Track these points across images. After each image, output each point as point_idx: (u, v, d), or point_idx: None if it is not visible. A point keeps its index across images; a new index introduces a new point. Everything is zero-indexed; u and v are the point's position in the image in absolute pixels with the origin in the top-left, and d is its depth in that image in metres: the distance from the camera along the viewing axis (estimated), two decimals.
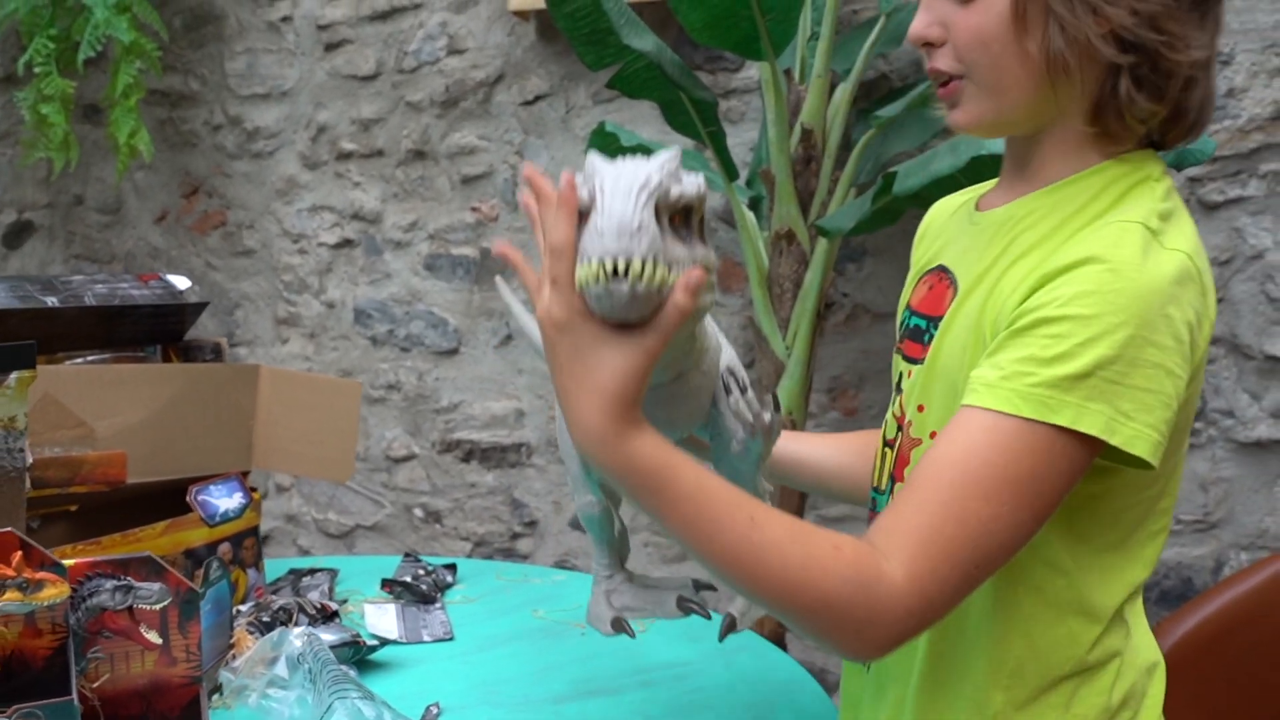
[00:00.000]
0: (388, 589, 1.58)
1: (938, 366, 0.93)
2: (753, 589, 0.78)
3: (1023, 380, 0.78)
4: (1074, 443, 0.78)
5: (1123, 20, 0.82)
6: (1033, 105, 0.86)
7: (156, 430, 1.48)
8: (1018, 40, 0.83)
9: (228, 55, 2.67)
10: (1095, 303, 0.77)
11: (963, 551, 0.78)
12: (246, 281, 2.74)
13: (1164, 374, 0.79)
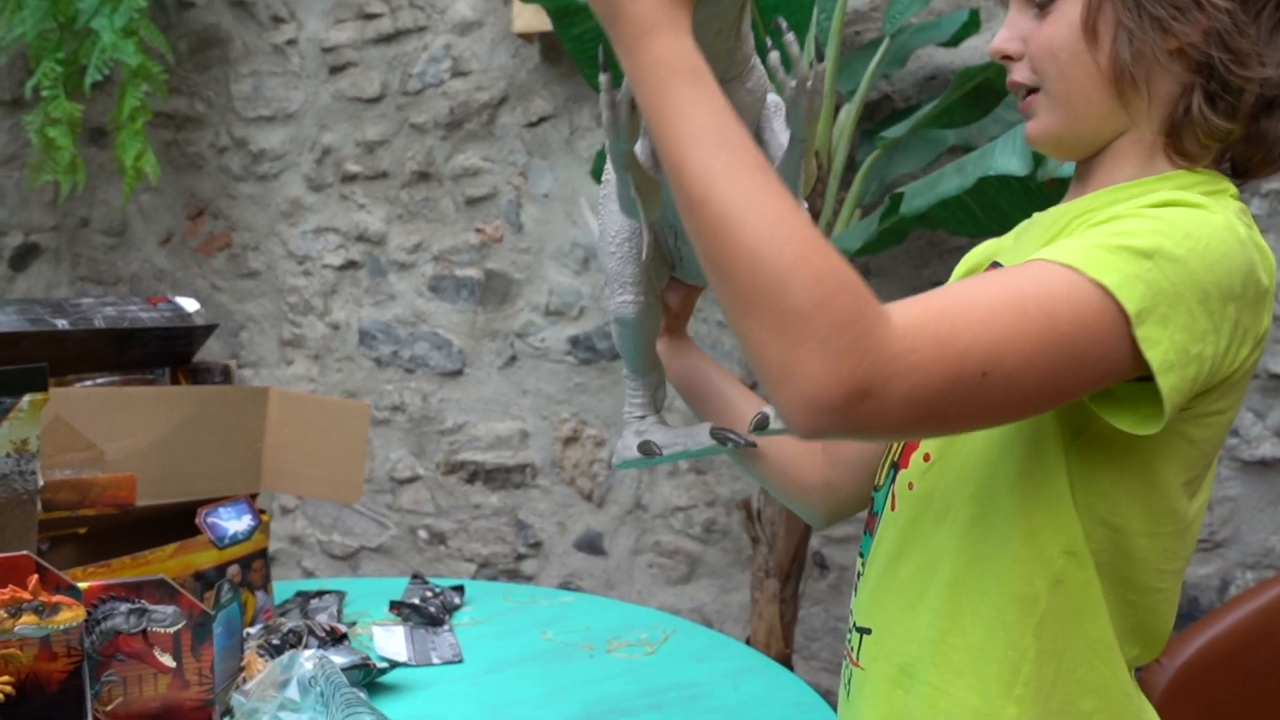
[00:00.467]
0: (396, 611, 1.58)
1: None
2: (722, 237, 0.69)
3: (1080, 246, 0.75)
4: (1118, 323, 0.72)
5: (1191, 38, 0.82)
6: (1102, 118, 0.86)
7: (166, 453, 1.49)
8: (1088, 51, 0.84)
9: (233, 78, 2.68)
10: (1168, 214, 0.76)
11: (977, 341, 0.70)
12: (251, 303, 2.74)
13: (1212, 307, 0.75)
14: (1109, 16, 0.83)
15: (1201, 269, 0.74)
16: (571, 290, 2.46)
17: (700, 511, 2.40)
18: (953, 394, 0.69)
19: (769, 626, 1.97)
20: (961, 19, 1.95)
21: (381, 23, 2.55)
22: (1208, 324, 0.75)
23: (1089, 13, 0.84)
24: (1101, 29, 0.84)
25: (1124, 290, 0.72)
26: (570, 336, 2.47)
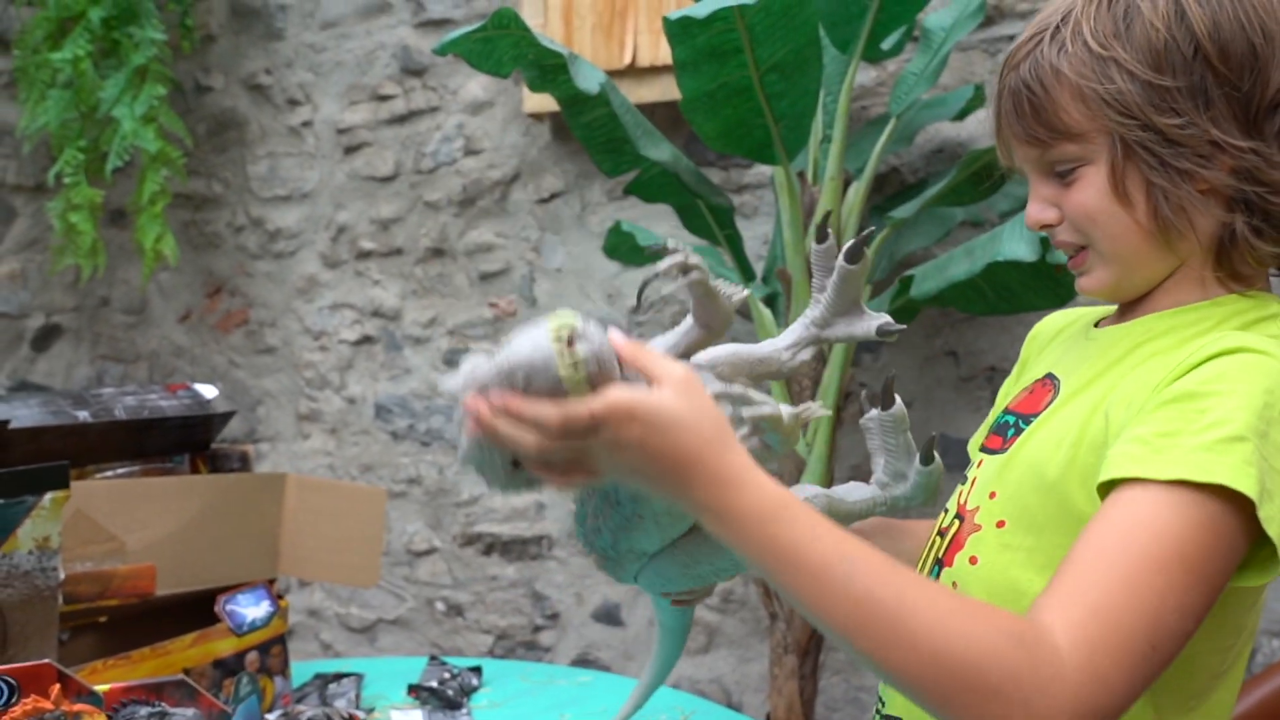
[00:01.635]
0: (414, 695, 1.58)
1: (1020, 456, 0.91)
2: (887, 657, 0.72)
3: (1175, 448, 0.75)
4: (1232, 512, 0.74)
5: (1222, 180, 0.84)
6: (1156, 264, 0.88)
7: (185, 542, 1.50)
8: (1125, 212, 0.86)
9: (250, 159, 2.73)
10: (1242, 378, 0.77)
11: (1138, 624, 0.72)
12: (269, 378, 2.77)
13: None
14: (1136, 177, 0.85)
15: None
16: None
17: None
18: (1135, 675, 0.72)
19: (789, 703, 1.96)
20: (967, 94, 1.98)
21: (395, 104, 2.60)
22: None
23: (1116, 178, 0.85)
24: (1132, 190, 0.85)
25: (1240, 480, 0.73)
26: None
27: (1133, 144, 0.84)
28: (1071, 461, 0.85)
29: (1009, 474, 0.91)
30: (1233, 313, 0.87)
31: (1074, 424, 0.87)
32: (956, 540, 0.94)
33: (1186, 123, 0.83)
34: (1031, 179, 0.92)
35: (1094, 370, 0.90)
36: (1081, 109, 0.85)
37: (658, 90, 2.22)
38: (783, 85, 1.59)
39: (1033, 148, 0.89)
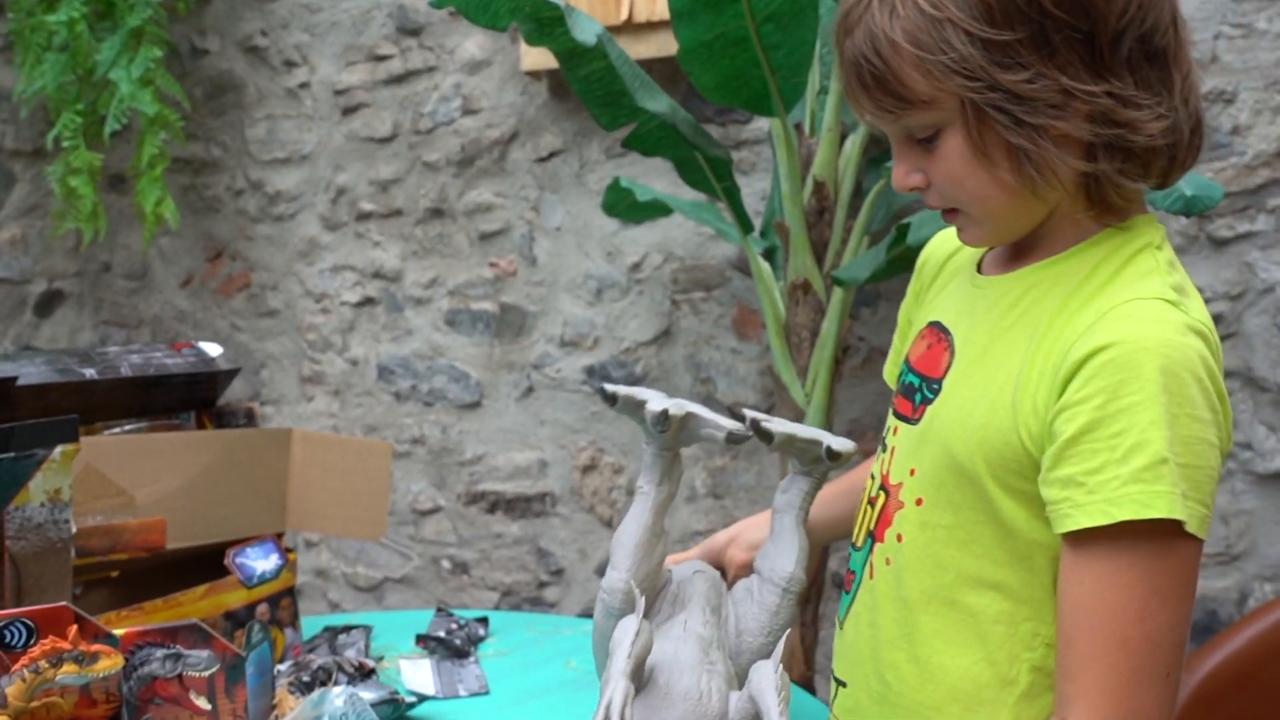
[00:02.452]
0: (422, 644, 1.60)
1: (931, 434, 0.93)
2: None
3: (1106, 485, 0.79)
4: (1181, 540, 0.79)
5: (1078, 130, 0.83)
6: (1028, 215, 0.89)
7: (194, 496, 1.52)
8: (989, 173, 0.85)
9: (248, 122, 2.73)
10: (1136, 388, 0.78)
11: (1145, 667, 0.79)
12: (271, 341, 2.79)
13: (1207, 447, 0.80)
14: (994, 138, 0.83)
15: (1185, 416, 0.79)
16: (585, 321, 2.49)
17: None
18: (1164, 698, 0.80)
19: (790, 650, 1.98)
20: None
21: (392, 64, 2.59)
22: (1206, 446, 0.80)
23: (974, 141, 0.84)
24: (993, 151, 0.84)
25: (1174, 510, 0.78)
26: (585, 366, 2.50)
27: (984, 106, 0.82)
28: (980, 446, 0.88)
29: (924, 451, 0.93)
30: (1110, 249, 0.87)
31: (979, 407, 0.89)
32: (884, 515, 0.97)
33: (1034, 75, 0.81)
34: (893, 143, 0.91)
35: (986, 333, 0.91)
36: (925, 77, 0.83)
37: (654, 46, 2.22)
38: (779, 36, 1.59)
39: (885, 117, 0.88)
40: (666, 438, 1.05)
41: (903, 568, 0.94)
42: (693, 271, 2.39)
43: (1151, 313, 0.81)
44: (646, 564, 1.03)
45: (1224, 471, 2.07)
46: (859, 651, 0.99)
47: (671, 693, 0.93)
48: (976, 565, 0.89)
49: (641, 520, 1.04)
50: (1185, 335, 0.80)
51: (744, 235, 1.90)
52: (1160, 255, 0.87)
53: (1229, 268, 2.06)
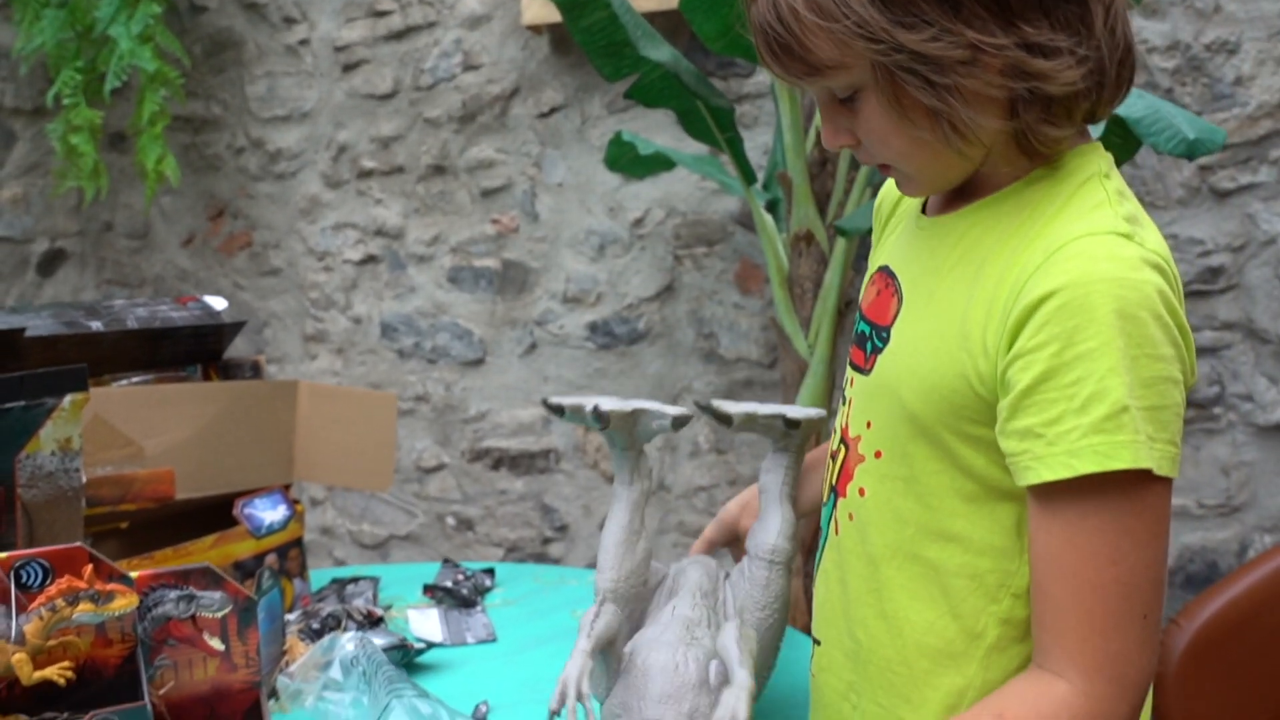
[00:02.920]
0: (429, 594, 1.62)
1: (883, 384, 0.91)
2: None
3: (1067, 439, 0.77)
4: (1148, 484, 0.78)
5: (990, 86, 0.79)
6: (958, 167, 0.86)
7: (202, 447, 1.53)
8: (911, 131, 0.83)
9: (248, 79, 2.72)
10: (1092, 333, 0.76)
11: (1124, 612, 0.78)
12: (274, 300, 2.79)
13: (1171, 385, 0.78)
14: (909, 99, 0.80)
15: (1144, 356, 0.76)
16: (588, 277, 2.50)
17: (722, 490, 2.44)
18: (1146, 641, 0.79)
19: (793, 599, 2.00)
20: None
21: (392, 20, 2.58)
22: (1170, 384, 0.78)
23: (891, 102, 0.81)
24: (910, 110, 0.81)
25: (1139, 459, 0.76)
26: (588, 322, 2.51)
27: (891, 68, 0.79)
28: (932, 393, 0.86)
29: (877, 402, 0.92)
30: (1054, 183, 0.84)
31: (927, 354, 0.86)
32: (845, 470, 0.95)
33: (939, 32, 0.77)
34: (819, 104, 0.88)
35: (930, 277, 0.89)
36: (830, 43, 0.80)
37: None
38: None
39: (799, 82, 0.86)
40: (619, 436, 1.10)
41: (866, 523, 0.93)
42: (695, 227, 2.39)
43: (1104, 249, 0.78)
44: (630, 560, 1.08)
45: (1224, 425, 2.08)
46: (831, 608, 0.99)
47: (650, 669, 0.96)
48: (935, 518, 0.88)
49: (619, 521, 1.09)
50: (1141, 271, 0.77)
51: (747, 187, 1.90)
52: (1109, 184, 0.83)
53: (1231, 219, 2.06)
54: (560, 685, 0.93)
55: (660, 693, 0.94)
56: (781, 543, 1.09)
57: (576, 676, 0.92)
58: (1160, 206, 2.09)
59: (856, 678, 0.95)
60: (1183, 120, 1.32)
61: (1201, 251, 2.08)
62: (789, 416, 1.11)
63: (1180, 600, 2.15)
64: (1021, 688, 0.80)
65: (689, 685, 0.95)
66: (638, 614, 1.09)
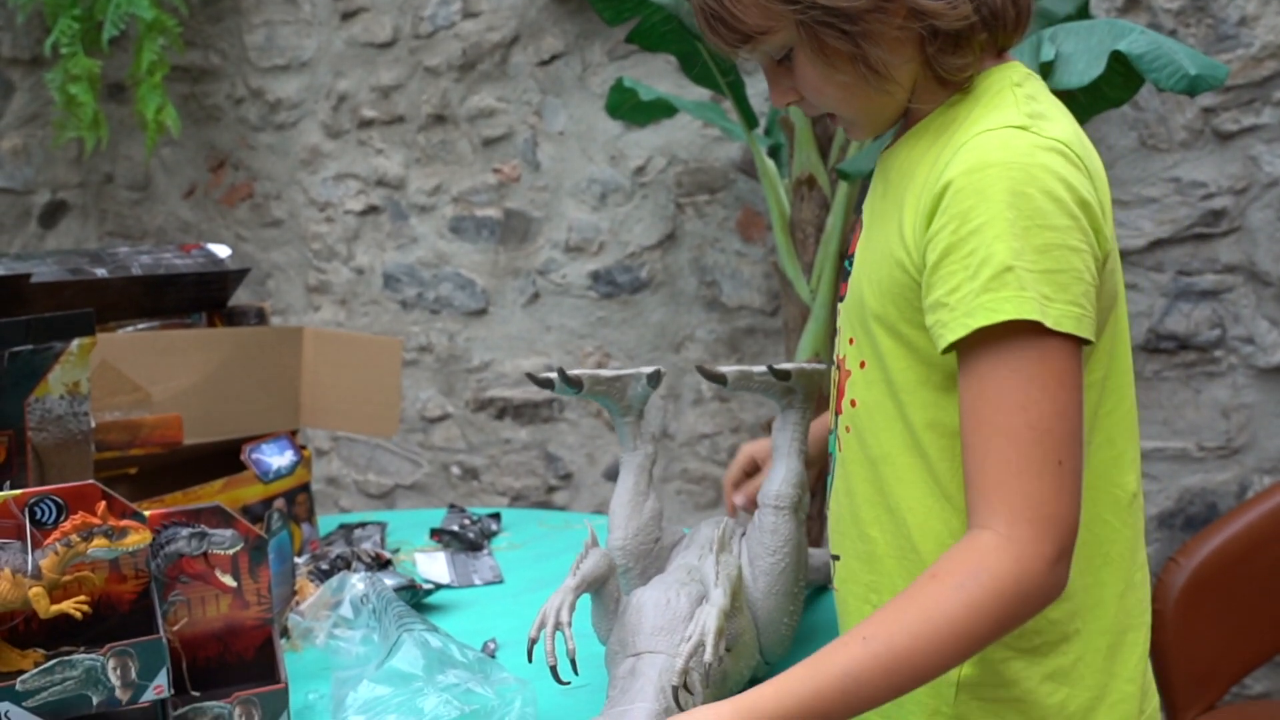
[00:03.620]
0: (437, 538, 1.63)
1: (851, 298, 1.01)
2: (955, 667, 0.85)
3: (964, 303, 0.85)
4: (1051, 340, 0.84)
5: (894, 28, 0.89)
6: (891, 104, 0.95)
7: (209, 393, 1.54)
8: (839, 78, 0.92)
9: (246, 28, 2.70)
10: (983, 210, 0.84)
11: (1036, 457, 0.83)
12: (276, 251, 2.79)
13: (1068, 251, 0.85)
14: (830, 49, 0.90)
15: (1035, 226, 0.84)
16: (590, 226, 2.50)
17: (725, 438, 2.45)
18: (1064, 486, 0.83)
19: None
20: None
21: None
22: (1068, 251, 0.85)
23: (817, 54, 0.91)
24: (834, 60, 0.91)
25: (1022, 310, 0.83)
26: (591, 271, 2.51)
27: (812, 24, 0.89)
28: (887, 292, 0.95)
29: (853, 318, 1.01)
30: (972, 101, 0.93)
31: (878, 260, 0.96)
32: (840, 389, 1.04)
33: None
34: (764, 69, 0.98)
35: (879, 201, 1.00)
36: (757, 11, 0.91)
37: None
38: None
39: (737, 50, 0.95)
40: (613, 404, 1.14)
41: (862, 430, 1.00)
42: (697, 174, 2.39)
43: (997, 141, 0.87)
44: (636, 519, 1.13)
45: (1225, 367, 2.09)
46: (843, 521, 1.05)
47: (644, 605, 1.01)
48: (913, 411, 0.95)
49: (625, 484, 1.15)
50: (1033, 155, 0.85)
51: (748, 132, 1.90)
52: (1019, 90, 0.92)
53: (1233, 162, 2.06)
54: (540, 615, 0.97)
55: (652, 626, 0.98)
56: (787, 489, 1.11)
57: (557, 607, 0.97)
58: (1163, 149, 2.09)
59: (874, 577, 1.01)
60: (1184, 56, 1.31)
61: (1204, 194, 2.08)
62: (776, 368, 1.13)
63: (1180, 542, 2.17)
64: (953, 549, 0.85)
65: (680, 618, 0.99)
66: (651, 570, 1.12)
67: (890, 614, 0.83)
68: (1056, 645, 0.94)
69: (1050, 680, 0.94)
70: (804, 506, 1.13)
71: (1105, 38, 1.37)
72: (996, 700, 0.95)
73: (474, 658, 1.05)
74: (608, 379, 1.12)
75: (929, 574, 0.84)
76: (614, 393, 1.14)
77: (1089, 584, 0.95)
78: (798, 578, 1.12)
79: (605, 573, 1.04)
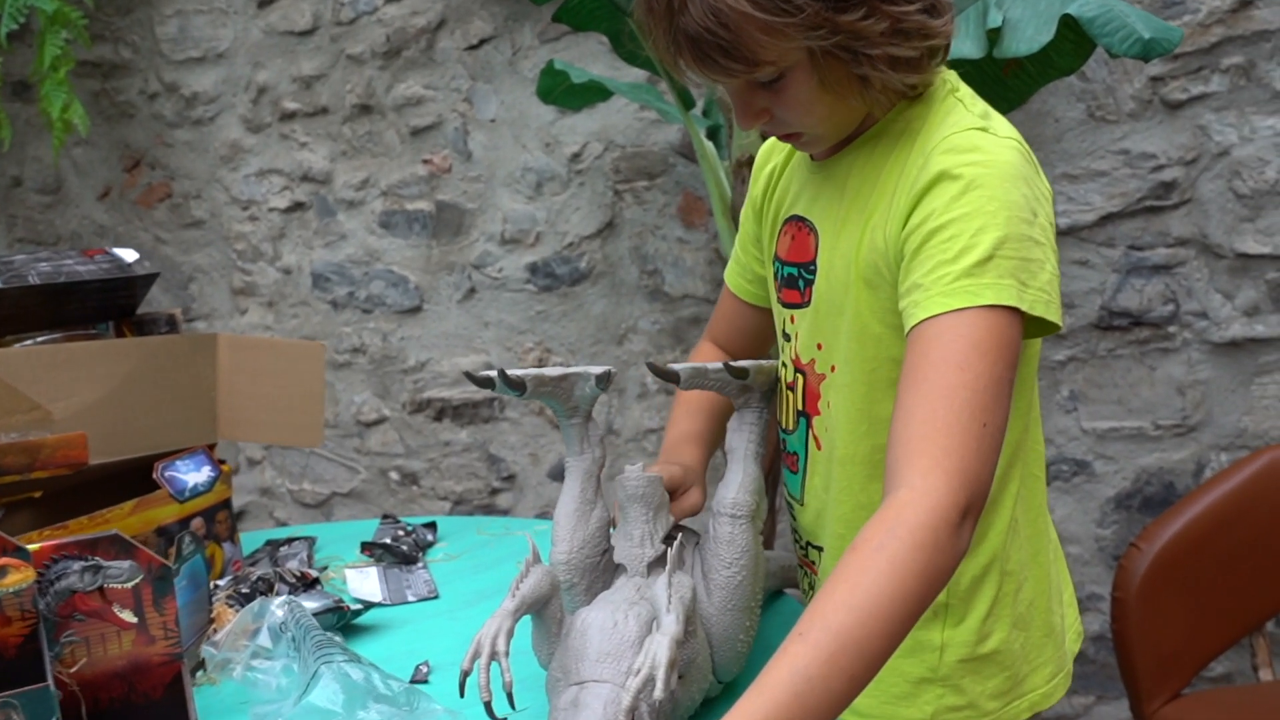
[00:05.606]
0: (368, 552, 1.55)
1: (821, 305, 1.03)
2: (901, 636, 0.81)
3: (942, 284, 0.87)
4: (1004, 316, 0.86)
5: (906, 49, 0.92)
6: (856, 117, 0.99)
7: (116, 408, 1.44)
8: (835, 101, 0.94)
9: (157, 19, 2.57)
10: (969, 200, 0.88)
11: (964, 412, 0.83)
12: (198, 253, 2.67)
13: (1033, 244, 0.89)
14: (839, 72, 0.91)
15: (1014, 218, 0.88)
16: (526, 216, 2.40)
17: None
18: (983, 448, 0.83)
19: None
20: None
21: None
22: (1033, 244, 0.89)
23: (821, 79, 0.92)
24: (839, 83, 0.92)
25: (1003, 296, 0.86)
26: (528, 264, 2.42)
27: (828, 49, 0.90)
28: (861, 294, 0.97)
29: (823, 323, 1.03)
30: (921, 107, 0.97)
31: (846, 262, 0.98)
32: (809, 391, 1.06)
33: (868, 10, 0.89)
34: (733, 91, 0.96)
35: (838, 204, 1.01)
36: (772, 38, 0.89)
37: None
38: None
39: (731, 79, 0.94)
40: (558, 405, 1.05)
41: (836, 429, 1.03)
42: (634, 160, 2.31)
43: (967, 141, 0.91)
44: (582, 531, 1.04)
45: (1179, 343, 2.05)
46: (826, 515, 1.07)
47: (589, 628, 0.93)
48: (888, 408, 0.96)
49: (571, 492, 1.06)
50: (999, 152, 0.90)
51: (685, 113, 1.82)
52: (960, 94, 0.98)
53: (1183, 132, 2.01)
54: (475, 644, 0.90)
55: (598, 651, 0.90)
56: (743, 496, 1.04)
57: (492, 634, 0.90)
58: (1111, 120, 2.04)
59: None
60: (1137, 19, 1.25)
61: (1154, 166, 2.03)
62: (733, 366, 1.06)
63: (1138, 524, 2.12)
64: (869, 520, 0.82)
65: (628, 643, 0.91)
66: (598, 585, 1.04)
67: (821, 600, 0.78)
68: (1017, 593, 1.04)
69: (1016, 627, 1.04)
70: (761, 514, 1.06)
71: (1054, 1, 1.30)
72: (976, 659, 1.04)
73: (400, 690, 0.96)
74: (553, 379, 1.03)
75: (849, 548, 0.81)
76: (560, 394, 1.04)
77: (1036, 531, 1.07)
78: (755, 591, 1.05)
79: (547, 593, 0.95)
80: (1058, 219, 2.08)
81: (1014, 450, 1.03)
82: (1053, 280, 0.90)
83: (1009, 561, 1.05)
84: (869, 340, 0.98)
